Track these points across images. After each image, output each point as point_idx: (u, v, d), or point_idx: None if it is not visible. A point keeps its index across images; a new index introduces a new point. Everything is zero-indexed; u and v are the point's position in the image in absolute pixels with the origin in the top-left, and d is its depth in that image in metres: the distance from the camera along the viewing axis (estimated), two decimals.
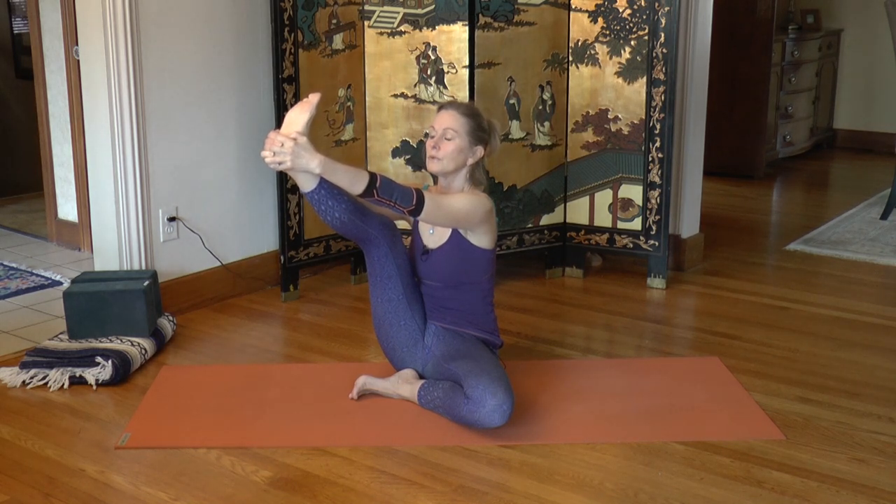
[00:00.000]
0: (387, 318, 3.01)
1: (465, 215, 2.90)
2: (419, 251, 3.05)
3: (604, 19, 4.08)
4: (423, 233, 3.06)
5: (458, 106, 3.03)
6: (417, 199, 2.75)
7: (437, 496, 2.44)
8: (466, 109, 3.01)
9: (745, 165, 6.75)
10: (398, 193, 2.73)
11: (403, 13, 4.00)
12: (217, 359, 3.43)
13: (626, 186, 4.16)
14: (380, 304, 3.02)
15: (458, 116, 2.97)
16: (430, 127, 3.01)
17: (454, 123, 2.95)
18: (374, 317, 3.06)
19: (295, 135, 2.65)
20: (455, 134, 2.94)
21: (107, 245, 3.71)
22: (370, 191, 2.69)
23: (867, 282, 4.34)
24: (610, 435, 2.77)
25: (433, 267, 3.01)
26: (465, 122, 2.96)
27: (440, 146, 2.95)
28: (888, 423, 2.86)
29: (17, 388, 3.11)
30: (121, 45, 3.53)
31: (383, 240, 2.94)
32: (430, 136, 2.99)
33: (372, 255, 2.98)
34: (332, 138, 4.06)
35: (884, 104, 7.66)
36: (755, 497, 2.43)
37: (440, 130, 2.96)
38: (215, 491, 2.47)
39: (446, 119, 2.97)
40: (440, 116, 3.00)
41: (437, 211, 2.81)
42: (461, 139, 2.95)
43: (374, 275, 3.00)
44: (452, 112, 2.98)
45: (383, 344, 3.07)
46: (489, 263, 3.05)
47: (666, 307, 4.01)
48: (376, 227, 2.92)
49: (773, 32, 6.55)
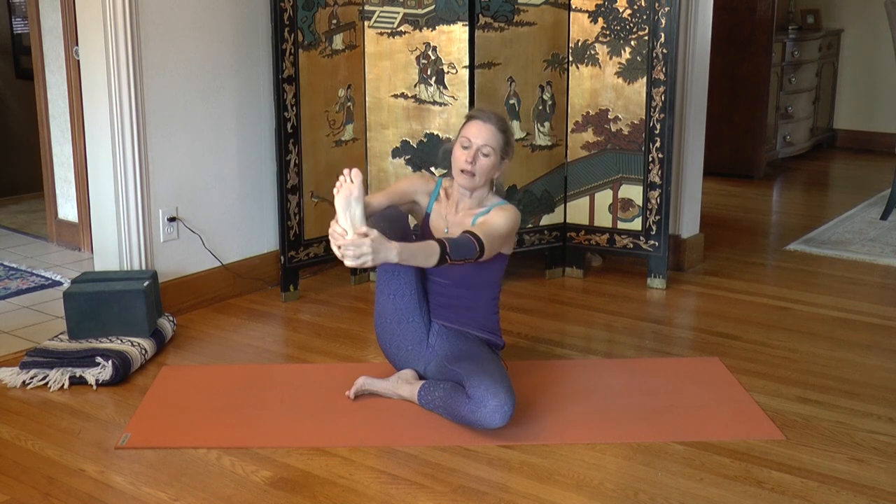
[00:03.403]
0: (395, 316, 2.98)
1: (509, 233, 2.93)
2: None
3: (604, 19, 4.08)
4: (436, 230, 3.05)
5: (496, 120, 2.97)
6: (479, 247, 2.77)
7: (437, 496, 2.44)
8: (502, 124, 2.97)
9: (745, 165, 6.75)
10: (463, 249, 2.75)
11: (403, 13, 4.00)
12: (217, 359, 3.43)
13: (626, 187, 4.16)
14: (389, 301, 2.98)
15: (496, 133, 2.93)
16: (465, 138, 2.94)
17: (492, 140, 2.93)
18: (379, 315, 3.02)
19: (365, 230, 2.63)
20: (491, 150, 2.93)
21: (107, 245, 3.72)
22: (443, 260, 2.71)
23: (867, 282, 4.34)
24: (610, 435, 2.77)
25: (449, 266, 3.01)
26: (500, 139, 2.94)
27: (477, 160, 2.92)
28: (888, 423, 2.86)
29: (17, 389, 3.11)
30: (121, 45, 3.53)
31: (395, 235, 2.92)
32: (465, 147, 2.94)
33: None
34: (333, 138, 4.07)
35: (884, 104, 7.67)
36: (755, 497, 2.44)
37: (477, 144, 2.93)
38: (215, 491, 2.47)
39: (485, 134, 2.93)
40: (479, 129, 2.94)
41: (491, 246, 2.82)
42: (495, 156, 2.95)
43: (387, 270, 2.96)
44: (491, 128, 2.94)
45: (386, 343, 3.04)
46: (504, 267, 3.07)
47: (666, 307, 4.01)
48: (389, 222, 2.89)
49: (773, 32, 6.55)
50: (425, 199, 3.10)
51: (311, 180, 4.00)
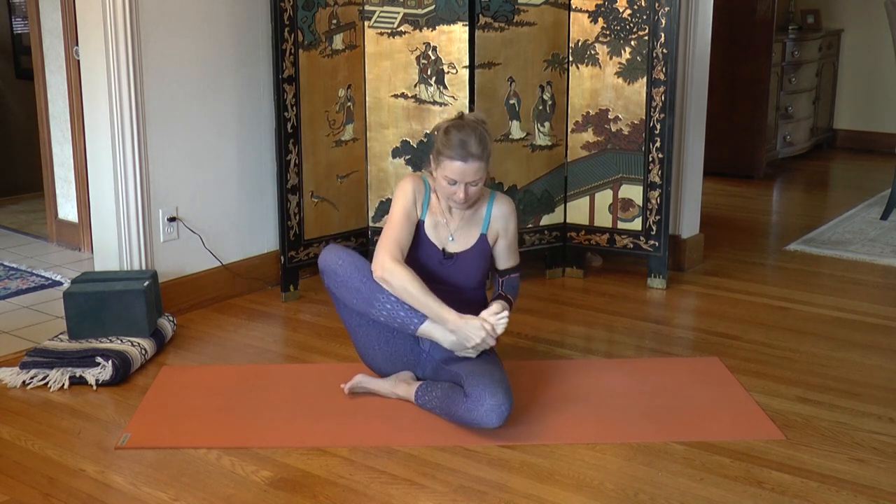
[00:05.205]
0: (381, 336, 2.95)
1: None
2: (435, 259, 3.00)
3: (604, 19, 4.08)
4: (439, 240, 3.01)
5: (475, 145, 2.84)
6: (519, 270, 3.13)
7: (437, 496, 2.44)
8: (483, 149, 2.86)
9: (745, 165, 6.75)
10: (517, 289, 3.13)
11: (403, 13, 4.00)
12: (217, 359, 3.43)
13: (626, 187, 4.16)
14: (367, 327, 2.95)
15: (480, 164, 2.85)
16: (450, 178, 2.86)
17: (479, 172, 2.87)
18: (362, 338, 2.99)
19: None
20: (479, 179, 2.89)
21: (107, 245, 3.71)
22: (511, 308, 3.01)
23: (867, 282, 4.34)
24: (610, 435, 2.77)
25: (461, 269, 3.00)
26: (483, 161, 2.87)
27: (467, 191, 2.88)
28: (888, 424, 2.86)
29: (17, 389, 3.11)
30: (121, 45, 3.53)
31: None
32: (451, 183, 2.87)
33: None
34: (333, 138, 4.06)
35: (884, 104, 7.67)
36: (755, 497, 2.43)
37: (465, 181, 2.86)
38: (215, 491, 2.47)
39: (471, 173, 2.85)
40: (463, 171, 2.84)
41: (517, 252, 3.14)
42: (483, 175, 2.90)
43: (343, 307, 2.98)
44: (476, 164, 2.84)
45: (378, 363, 3.02)
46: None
47: (666, 307, 4.01)
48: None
49: (773, 32, 6.55)
50: (419, 208, 3.02)
51: (311, 180, 4.00)
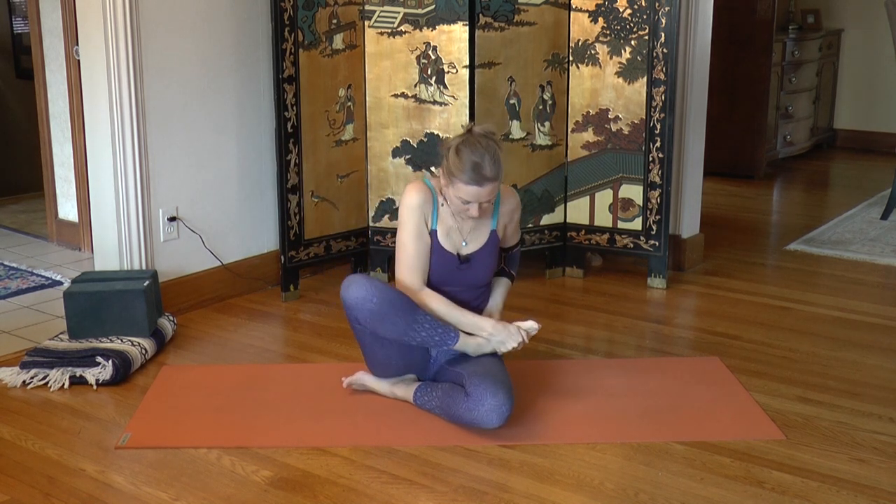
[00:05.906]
0: (401, 349, 2.88)
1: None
2: (452, 264, 2.96)
3: (604, 19, 4.08)
4: (453, 246, 2.97)
5: (494, 173, 2.79)
6: (521, 244, 3.25)
7: (437, 496, 2.44)
8: (498, 170, 2.81)
9: (745, 165, 6.75)
10: (518, 262, 3.23)
11: (404, 13, 4.00)
12: (217, 359, 3.43)
13: (626, 186, 4.16)
14: (391, 342, 2.86)
15: (496, 185, 2.82)
16: (464, 199, 2.82)
17: (493, 193, 2.84)
18: (380, 355, 2.93)
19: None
20: (493, 197, 2.86)
21: (107, 245, 3.71)
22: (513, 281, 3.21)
23: (867, 282, 4.34)
24: (610, 435, 2.77)
25: (477, 268, 2.99)
26: (499, 182, 2.84)
27: (482, 209, 2.85)
28: (888, 423, 2.86)
29: (18, 388, 3.11)
30: (121, 44, 3.53)
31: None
32: (465, 203, 2.83)
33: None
34: (333, 138, 4.06)
35: (884, 104, 7.66)
36: (755, 497, 2.43)
37: (480, 201, 2.83)
38: (215, 491, 2.47)
39: (486, 193, 2.81)
40: (479, 193, 2.80)
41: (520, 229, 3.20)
42: (496, 192, 2.88)
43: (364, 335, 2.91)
44: (490, 185, 2.80)
45: (390, 374, 2.97)
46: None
47: (666, 307, 4.01)
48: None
49: (773, 32, 6.55)
50: (429, 222, 2.96)
51: (312, 180, 4.00)
